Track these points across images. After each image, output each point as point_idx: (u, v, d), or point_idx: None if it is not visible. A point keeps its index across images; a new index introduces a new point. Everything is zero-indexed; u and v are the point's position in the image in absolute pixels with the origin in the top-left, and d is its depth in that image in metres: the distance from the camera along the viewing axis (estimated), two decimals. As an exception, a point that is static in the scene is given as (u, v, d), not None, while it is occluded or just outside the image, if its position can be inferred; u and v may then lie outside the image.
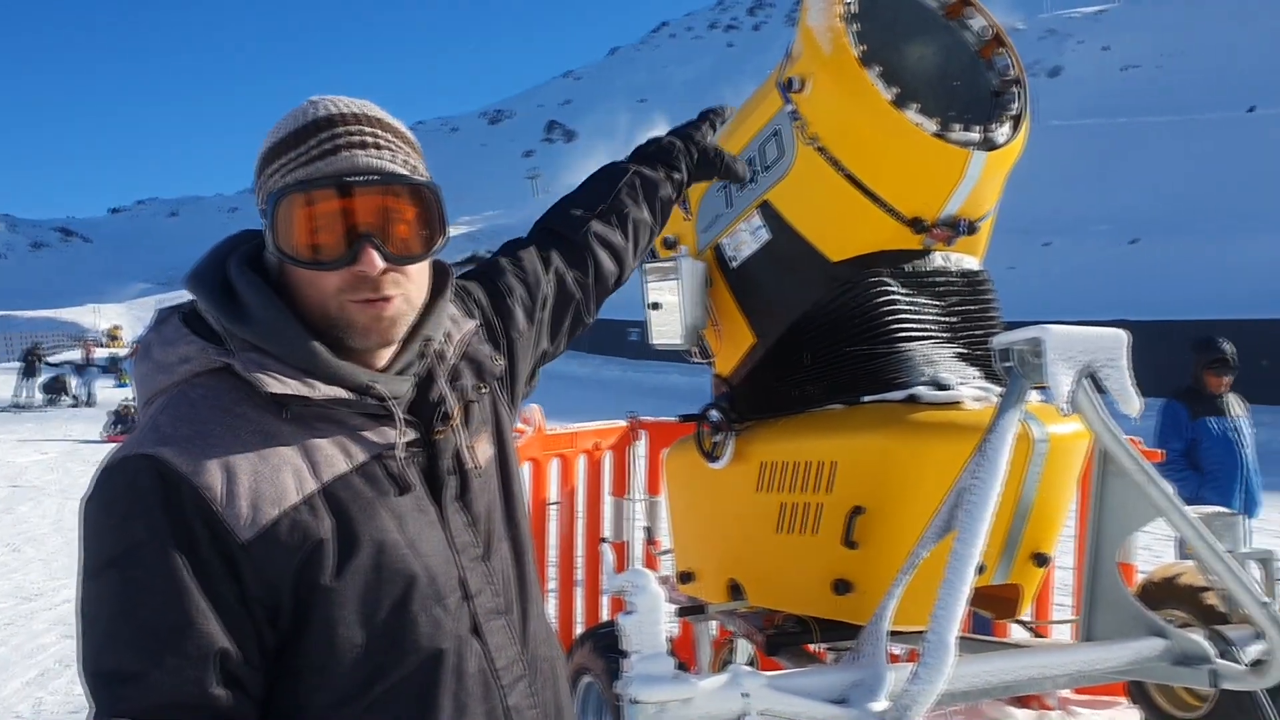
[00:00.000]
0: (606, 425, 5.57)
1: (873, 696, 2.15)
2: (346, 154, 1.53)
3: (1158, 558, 8.22)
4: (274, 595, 1.44)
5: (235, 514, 1.41)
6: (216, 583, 1.40)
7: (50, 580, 9.12)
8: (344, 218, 1.52)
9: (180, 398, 1.50)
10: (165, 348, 1.56)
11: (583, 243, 2.18)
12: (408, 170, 1.58)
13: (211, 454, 1.43)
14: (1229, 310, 22.84)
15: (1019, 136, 2.87)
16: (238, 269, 1.59)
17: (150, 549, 1.38)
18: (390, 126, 1.61)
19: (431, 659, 1.54)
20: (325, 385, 1.53)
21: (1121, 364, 2.45)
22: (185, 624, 1.37)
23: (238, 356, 1.51)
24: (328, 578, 1.46)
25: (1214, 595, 3.55)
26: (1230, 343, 7.06)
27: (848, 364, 2.87)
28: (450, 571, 1.59)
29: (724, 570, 3.32)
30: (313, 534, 1.45)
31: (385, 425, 1.58)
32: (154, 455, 1.42)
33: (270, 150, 1.57)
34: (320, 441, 1.51)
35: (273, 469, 1.45)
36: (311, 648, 1.48)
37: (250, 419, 1.48)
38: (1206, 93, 54.15)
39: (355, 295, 1.54)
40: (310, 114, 1.57)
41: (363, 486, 1.52)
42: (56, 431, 22.54)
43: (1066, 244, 39.25)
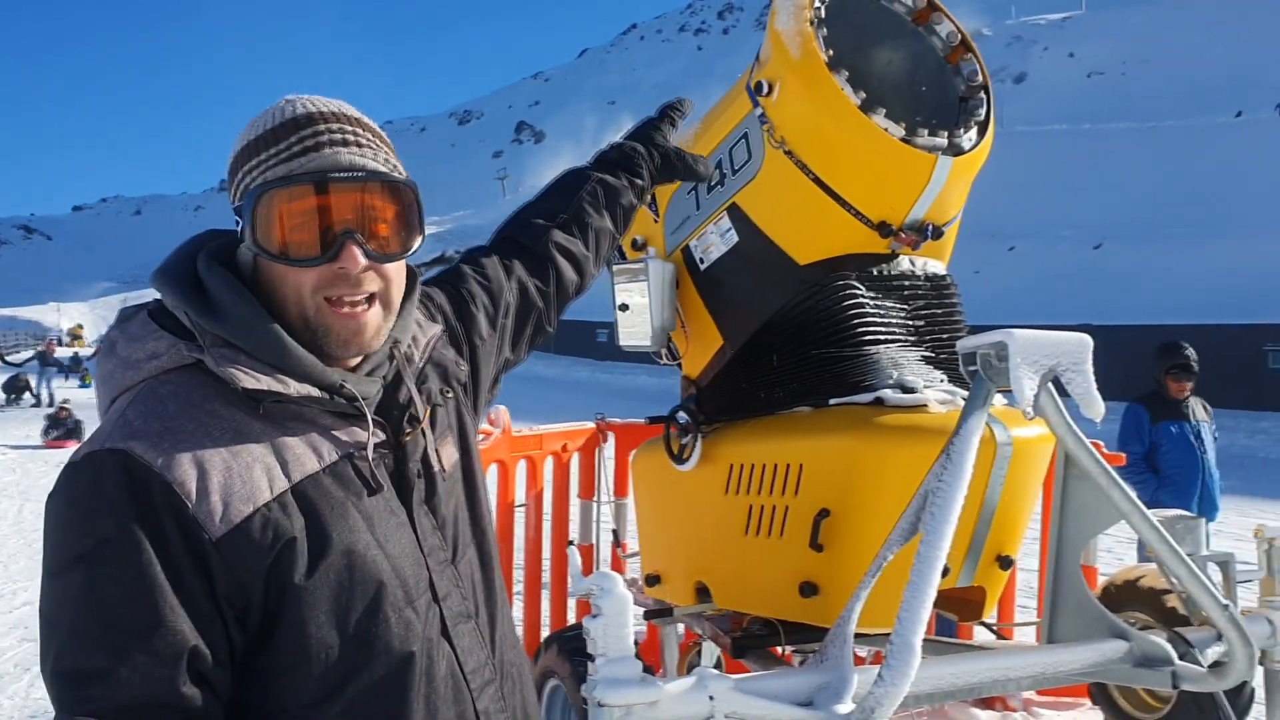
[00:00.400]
0: (574, 427, 5.56)
1: (838, 699, 2.16)
2: (329, 151, 1.52)
3: (1119, 560, 8.31)
4: (244, 594, 1.43)
5: (207, 510, 1.39)
6: (187, 580, 1.38)
7: (9, 583, 9.01)
8: (325, 214, 1.51)
9: (148, 393, 1.48)
10: (132, 344, 1.53)
11: (544, 253, 2.17)
12: (387, 169, 1.57)
13: (182, 449, 1.41)
14: (1191, 315, 23.13)
15: (985, 142, 2.89)
16: (207, 266, 1.57)
17: (118, 544, 1.35)
18: (368, 126, 1.61)
19: (403, 661, 1.53)
20: (297, 383, 1.51)
21: (1085, 368, 2.47)
22: (156, 621, 1.35)
23: (209, 352, 1.49)
24: (299, 577, 1.44)
25: (1175, 598, 3.59)
26: (1191, 348, 7.14)
27: (815, 367, 2.88)
28: (420, 574, 1.58)
29: (691, 573, 3.32)
30: (284, 532, 1.43)
31: (355, 425, 1.57)
32: (123, 450, 1.39)
33: (247, 147, 1.56)
34: (291, 440, 1.50)
35: (244, 466, 1.44)
36: (281, 648, 1.46)
37: (221, 415, 1.47)
38: (1171, 100, 54.80)
39: (332, 292, 1.53)
40: (288, 112, 1.56)
41: (333, 486, 1.50)
42: (17, 431, 22.23)
43: (1031, 249, 39.59)
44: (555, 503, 5.61)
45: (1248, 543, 3.31)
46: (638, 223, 3.40)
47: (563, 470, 5.54)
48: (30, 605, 8.24)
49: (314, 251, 1.51)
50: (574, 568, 2.25)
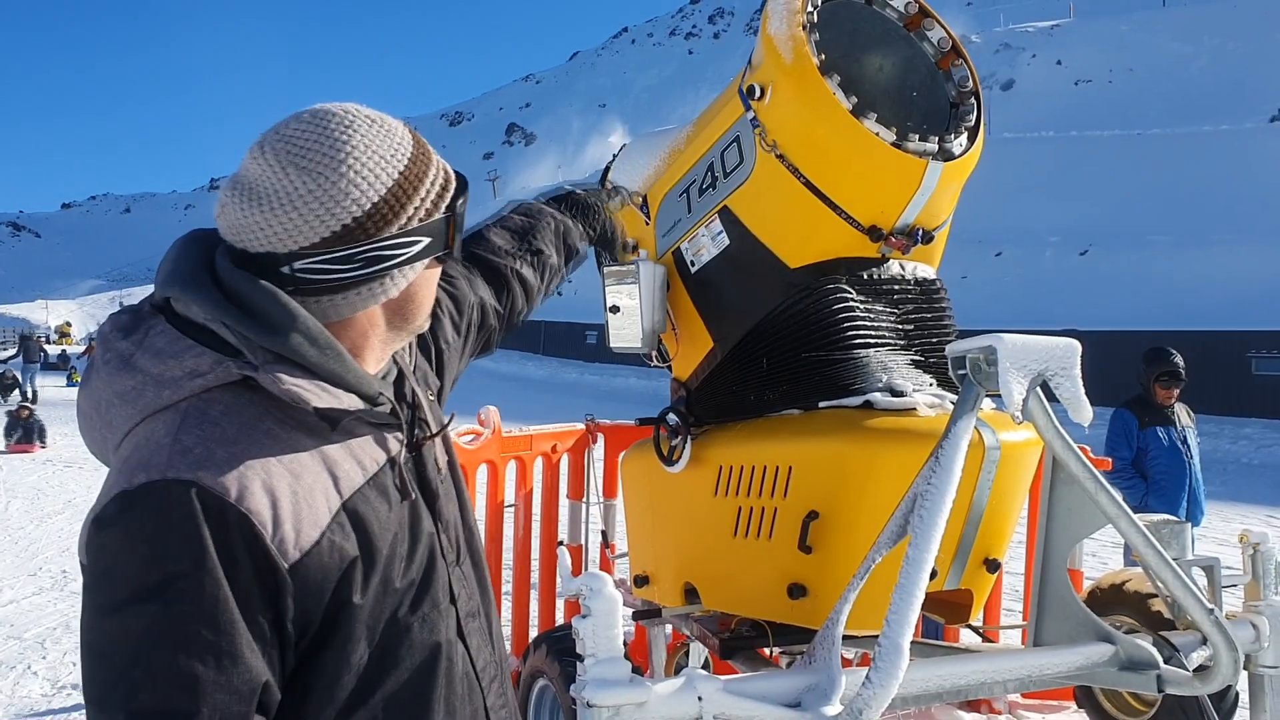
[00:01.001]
0: (563, 428, 5.56)
1: (826, 700, 2.17)
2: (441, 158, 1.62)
3: (1105, 564, 8.35)
4: (308, 617, 1.41)
5: (282, 539, 1.36)
6: (258, 613, 1.35)
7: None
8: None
9: (199, 415, 1.41)
10: (162, 360, 1.44)
11: (506, 275, 2.28)
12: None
13: (251, 476, 1.36)
14: (1176, 322, 23.25)
15: (975, 147, 2.91)
16: (249, 279, 1.47)
17: (195, 580, 1.30)
18: None
19: (427, 664, 1.55)
20: (346, 395, 1.49)
21: (1074, 373, 2.48)
22: (234, 659, 1.31)
23: (265, 369, 1.42)
24: (357, 595, 1.44)
25: (1160, 602, 3.61)
26: (1178, 354, 7.19)
27: (805, 370, 2.89)
28: (441, 576, 1.60)
29: (679, 574, 3.33)
30: (348, 553, 1.42)
31: (384, 433, 1.57)
32: (191, 480, 1.33)
33: (416, 166, 1.55)
34: (337, 455, 1.48)
35: (307, 489, 1.41)
36: (327, 665, 1.45)
37: (278, 436, 1.42)
38: (1157, 109, 55.06)
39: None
40: (404, 130, 1.58)
41: (376, 498, 1.50)
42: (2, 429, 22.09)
43: (1018, 255, 39.72)
44: (544, 503, 5.61)
45: (1232, 548, 3.34)
46: (629, 225, 3.41)
47: (552, 471, 5.54)
48: (15, 603, 8.20)
49: (458, 245, 1.63)
50: (564, 568, 2.26)
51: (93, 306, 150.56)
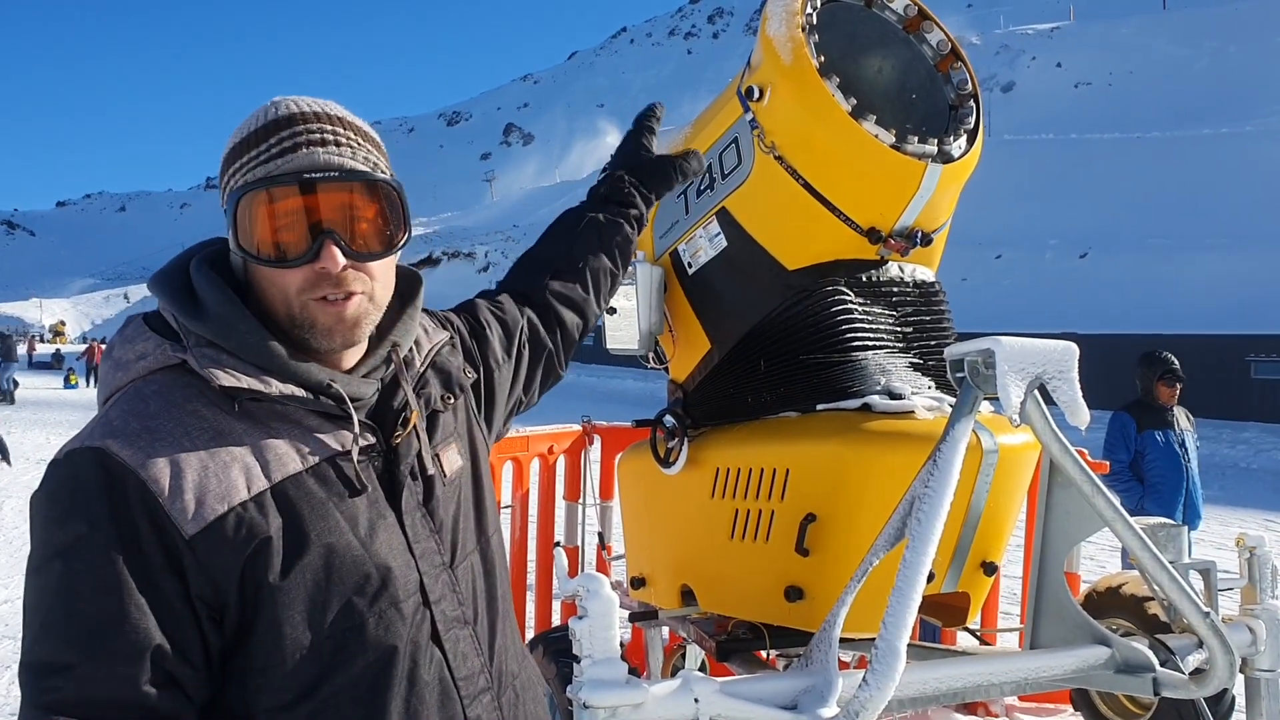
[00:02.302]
0: (560, 429, 5.56)
1: (823, 702, 2.16)
2: (306, 151, 1.52)
3: (1103, 568, 8.36)
4: (219, 594, 1.43)
5: (181, 508, 1.40)
6: (157, 578, 1.39)
7: (-10, 580, 8.95)
8: (305, 215, 1.52)
9: (133, 393, 1.50)
10: (125, 346, 1.56)
11: (543, 300, 2.22)
12: (369, 168, 1.57)
13: (159, 448, 1.42)
14: (1175, 325, 23.29)
15: (974, 150, 2.91)
16: (197, 268, 1.59)
17: (91, 541, 1.37)
18: (352, 125, 1.61)
19: (381, 661, 1.53)
20: (281, 383, 1.52)
21: (1071, 376, 2.48)
22: (119, 618, 1.36)
23: (192, 351, 1.50)
24: (274, 576, 1.44)
25: (1156, 605, 3.61)
26: (1171, 355, 7.22)
27: (802, 372, 2.89)
28: (408, 575, 1.58)
29: (676, 576, 3.33)
30: (259, 531, 1.44)
31: (342, 426, 1.57)
32: (100, 447, 1.41)
33: (232, 150, 1.57)
34: (274, 441, 1.50)
35: (222, 465, 1.44)
36: (257, 649, 1.46)
37: (203, 416, 1.48)
38: (1157, 111, 55.11)
39: (316, 293, 1.53)
40: (271, 113, 1.56)
41: (315, 487, 1.51)
42: (-2, 428, 22.09)
43: (1017, 257, 39.77)
44: (541, 505, 5.61)
45: (1229, 551, 3.34)
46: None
47: (548, 472, 5.55)
48: (10, 604, 8.20)
49: (295, 252, 1.52)
50: (560, 569, 2.25)
51: (87, 305, 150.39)
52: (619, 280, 2.44)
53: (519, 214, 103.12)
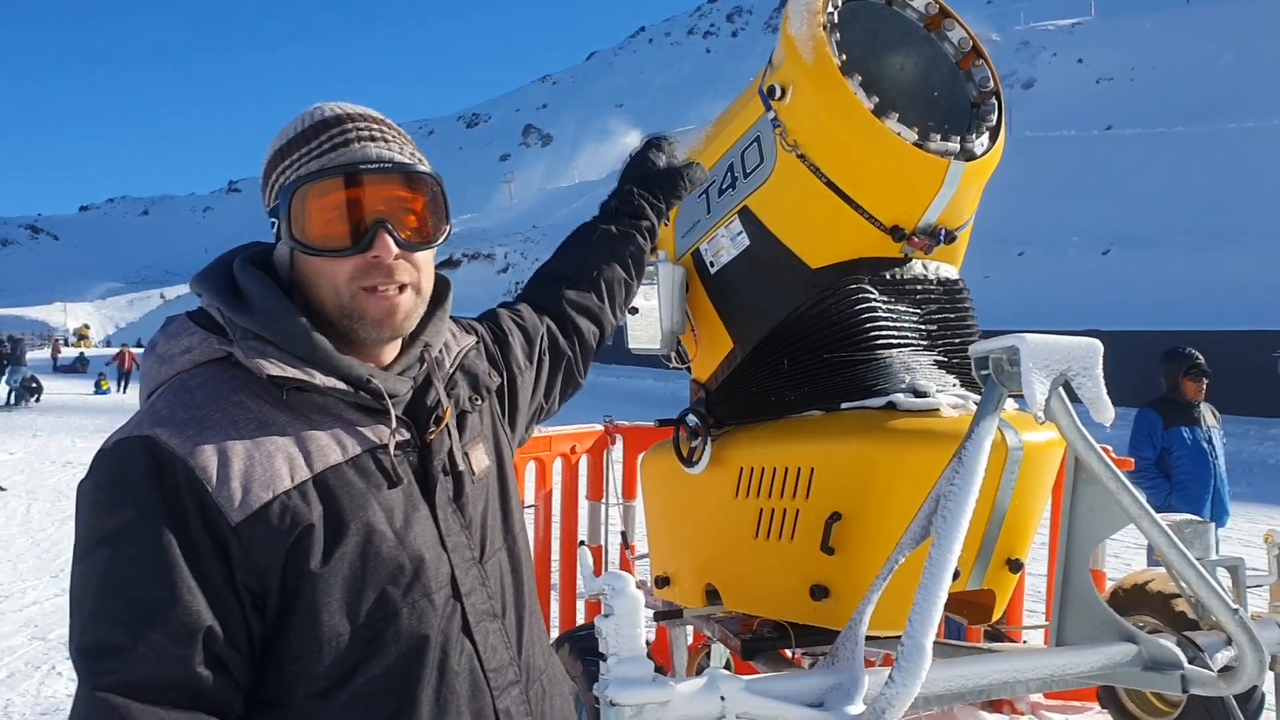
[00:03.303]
0: (582, 429, 5.58)
1: (849, 700, 2.16)
2: (358, 146, 1.58)
3: (1128, 565, 8.31)
4: (262, 581, 1.47)
5: (227, 495, 1.43)
6: (205, 562, 1.42)
7: (18, 582, 9.04)
8: (357, 206, 1.57)
9: (179, 385, 1.54)
10: (169, 341, 1.60)
11: (560, 311, 2.29)
12: (412, 162, 1.63)
13: (207, 437, 1.46)
14: (1200, 321, 23.13)
15: (997, 147, 2.90)
16: (240, 265, 1.63)
17: (140, 526, 1.40)
18: (393, 125, 1.68)
19: (413, 651, 1.56)
20: (324, 376, 1.56)
21: (1096, 373, 2.47)
22: (171, 600, 1.39)
23: (238, 344, 1.55)
24: (315, 563, 1.48)
25: (1184, 602, 3.59)
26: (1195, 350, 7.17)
27: (826, 370, 2.89)
28: (440, 567, 1.61)
29: (700, 575, 3.33)
30: (302, 519, 1.47)
31: (379, 421, 1.61)
32: (149, 436, 1.45)
33: (279, 151, 1.62)
34: (315, 432, 1.54)
35: (266, 454, 1.48)
36: (294, 636, 1.50)
37: (247, 407, 1.52)
38: (1180, 107, 54.71)
39: (368, 282, 1.58)
40: (318, 115, 1.62)
41: (354, 477, 1.55)
42: (24, 431, 22.30)
43: (1040, 254, 39.57)
44: (564, 504, 5.62)
45: (1256, 548, 3.32)
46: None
47: (571, 472, 5.56)
48: (39, 605, 8.28)
49: (347, 242, 1.57)
50: (585, 568, 2.26)
51: (110, 309, 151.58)
52: (633, 290, 2.52)
53: (538, 215, 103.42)
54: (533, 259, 76.43)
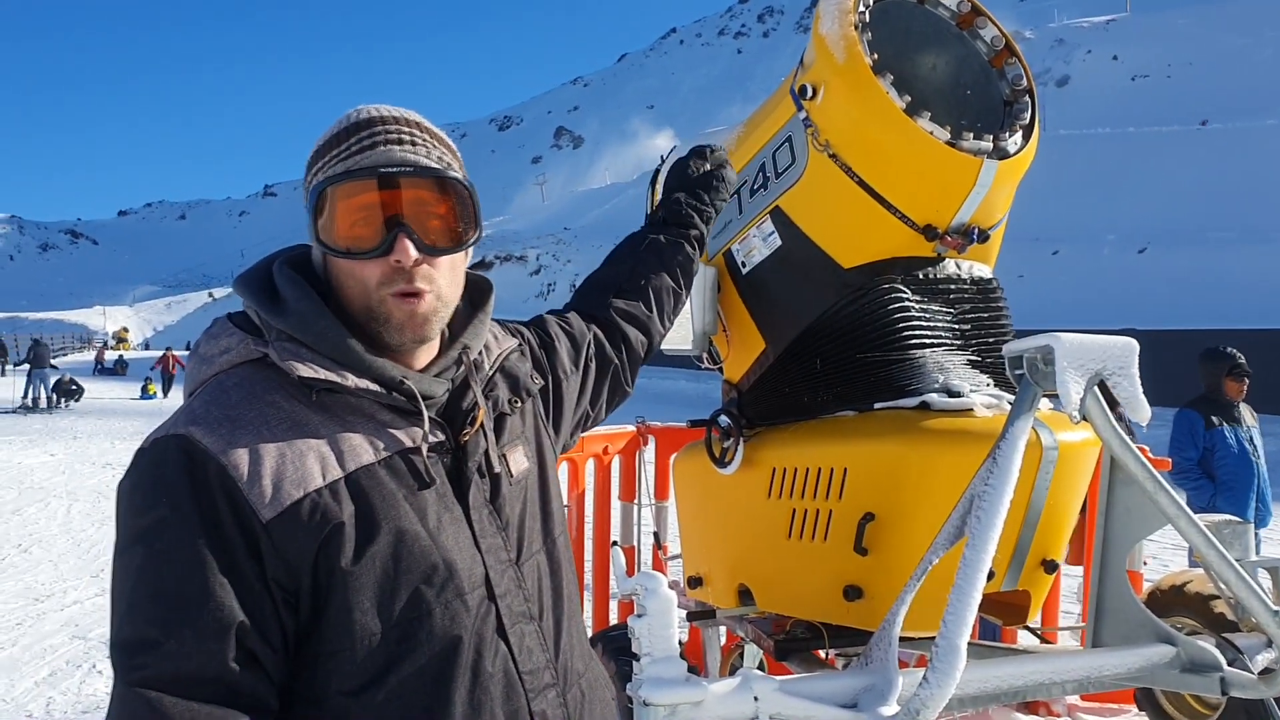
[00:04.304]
0: (614, 430, 5.58)
1: (883, 701, 2.16)
2: (384, 149, 1.59)
3: (1166, 567, 8.23)
4: (294, 577, 1.48)
5: (259, 493, 1.45)
6: (238, 559, 1.44)
7: (59, 581, 9.15)
8: (380, 209, 1.58)
9: (216, 385, 1.57)
10: (210, 342, 1.63)
11: (607, 318, 2.29)
12: (441, 167, 1.63)
13: (240, 435, 1.48)
14: (1237, 320, 22.83)
15: (1030, 145, 2.88)
16: (279, 268, 1.66)
17: (174, 523, 1.43)
18: (428, 129, 1.68)
19: (446, 652, 1.57)
20: (356, 377, 1.57)
21: (1132, 372, 2.45)
22: (204, 597, 1.41)
23: (273, 346, 1.57)
24: (346, 561, 1.49)
25: (1223, 603, 3.56)
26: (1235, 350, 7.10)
27: (859, 370, 2.88)
28: (474, 569, 1.62)
29: (733, 575, 3.33)
30: (333, 517, 1.49)
31: (413, 423, 1.62)
32: (183, 434, 1.48)
33: (316, 151, 1.64)
34: (348, 433, 1.56)
35: (298, 453, 1.50)
36: (327, 633, 1.51)
37: (281, 407, 1.54)
38: (1216, 103, 54.05)
39: (393, 288, 1.59)
40: (353, 117, 1.63)
41: (387, 478, 1.56)
42: (65, 433, 22.58)
43: (1075, 253, 39.21)
44: (597, 505, 5.63)
45: (1297, 549, 3.27)
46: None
47: (604, 473, 5.57)
48: (79, 605, 8.38)
49: (370, 244, 1.58)
50: (618, 568, 2.27)
51: (148, 312, 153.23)
52: (682, 299, 2.51)
53: (570, 216, 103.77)
54: (564, 260, 76.64)
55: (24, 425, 24.53)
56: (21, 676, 6.63)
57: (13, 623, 7.85)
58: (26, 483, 15.10)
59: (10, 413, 27.99)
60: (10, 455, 18.39)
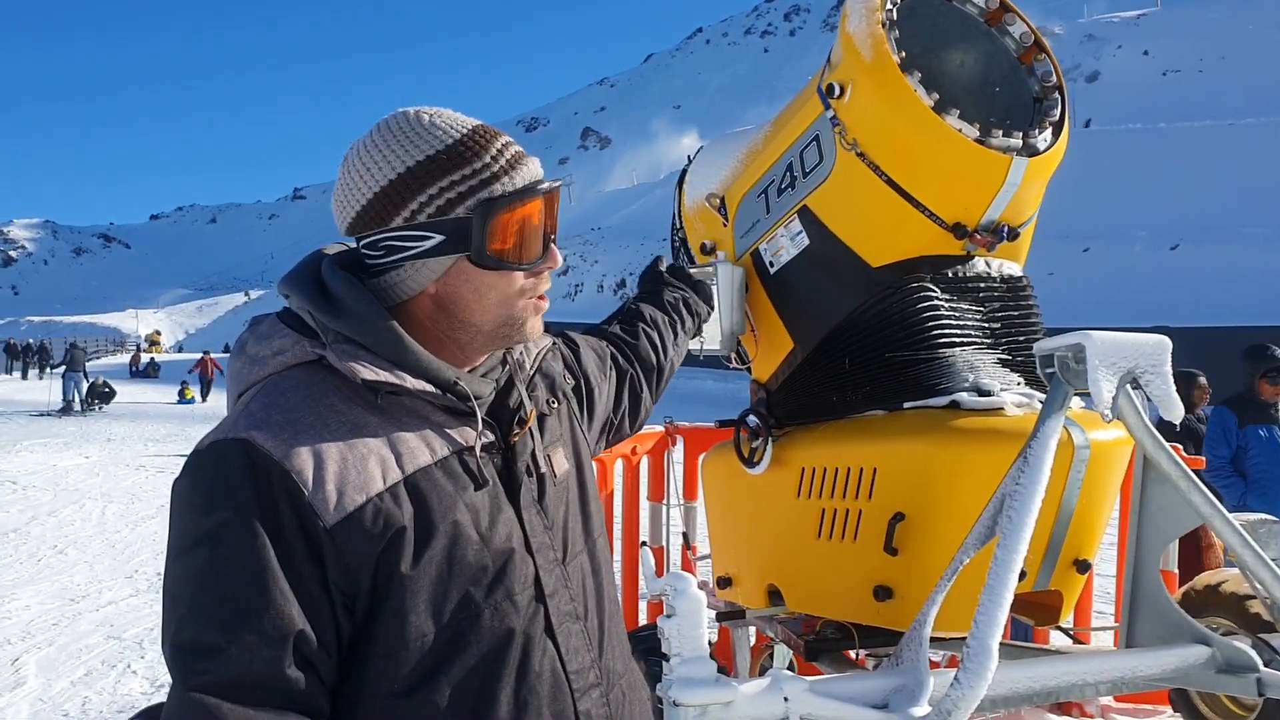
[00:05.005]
0: (643, 431, 5.57)
1: (914, 702, 2.15)
2: (528, 163, 1.65)
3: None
4: (354, 581, 1.49)
5: (323, 498, 1.46)
6: (300, 564, 1.45)
7: (95, 582, 9.25)
8: (540, 220, 1.65)
9: (271, 387, 1.57)
10: (260, 343, 1.63)
11: (616, 335, 2.46)
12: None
13: (301, 440, 1.48)
14: (1271, 317, 22.54)
15: (1060, 142, 2.86)
16: (331, 270, 1.66)
17: (237, 528, 1.43)
18: None
19: (495, 652, 1.57)
20: (414, 379, 1.58)
21: (1165, 370, 2.43)
22: (266, 603, 1.42)
23: (331, 348, 1.57)
24: (406, 565, 1.50)
25: (1259, 604, 3.52)
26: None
27: (888, 370, 2.87)
28: (525, 569, 1.63)
29: (763, 576, 3.32)
30: (395, 521, 1.49)
31: (466, 423, 1.63)
32: (245, 439, 1.47)
33: (436, 162, 1.61)
34: (405, 434, 1.57)
35: (359, 457, 1.51)
36: (381, 636, 1.52)
37: (339, 410, 1.54)
38: (1248, 97, 53.46)
39: (536, 293, 1.67)
40: (463, 126, 1.64)
41: (443, 479, 1.56)
42: (99, 436, 22.82)
43: (1106, 250, 38.87)
44: (625, 506, 5.63)
45: (1334, 549, 3.23)
46: (707, 227, 3.42)
47: (632, 473, 5.57)
48: (114, 604, 8.46)
49: (536, 254, 1.65)
50: (647, 568, 2.27)
51: (180, 315, 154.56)
52: (689, 329, 2.76)
53: (597, 217, 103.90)
54: (592, 261, 76.74)
55: (59, 428, 24.82)
56: (58, 676, 6.70)
57: (49, 623, 7.94)
58: (62, 485, 15.28)
59: (49, 415, 28.34)
60: (46, 457, 18.61)
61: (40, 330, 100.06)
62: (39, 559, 10.22)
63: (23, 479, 15.79)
